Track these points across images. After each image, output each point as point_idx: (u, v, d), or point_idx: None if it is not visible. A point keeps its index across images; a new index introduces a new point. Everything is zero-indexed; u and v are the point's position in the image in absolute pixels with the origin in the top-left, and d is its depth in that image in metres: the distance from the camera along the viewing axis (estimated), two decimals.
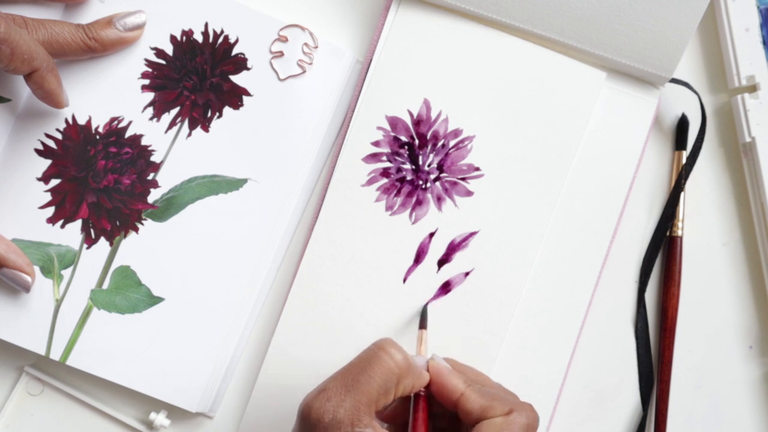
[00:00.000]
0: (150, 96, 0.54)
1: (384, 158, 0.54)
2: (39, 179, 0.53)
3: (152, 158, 0.53)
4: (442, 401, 0.46)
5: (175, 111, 0.54)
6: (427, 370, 0.46)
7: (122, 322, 0.53)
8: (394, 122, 0.54)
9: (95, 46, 0.51)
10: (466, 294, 0.53)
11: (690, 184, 0.57)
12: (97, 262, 0.53)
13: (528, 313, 0.54)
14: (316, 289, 0.53)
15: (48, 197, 0.53)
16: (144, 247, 0.53)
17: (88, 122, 0.53)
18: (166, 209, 0.53)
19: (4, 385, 0.55)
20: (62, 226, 0.53)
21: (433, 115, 0.54)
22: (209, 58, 0.54)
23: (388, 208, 0.54)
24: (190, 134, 0.54)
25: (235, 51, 0.54)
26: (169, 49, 0.54)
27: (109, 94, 0.53)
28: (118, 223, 0.53)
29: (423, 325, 0.51)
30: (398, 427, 0.48)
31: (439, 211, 0.54)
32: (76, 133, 0.53)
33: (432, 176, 0.54)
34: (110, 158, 0.53)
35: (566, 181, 0.54)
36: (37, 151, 0.53)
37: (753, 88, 0.55)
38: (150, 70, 0.54)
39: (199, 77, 0.54)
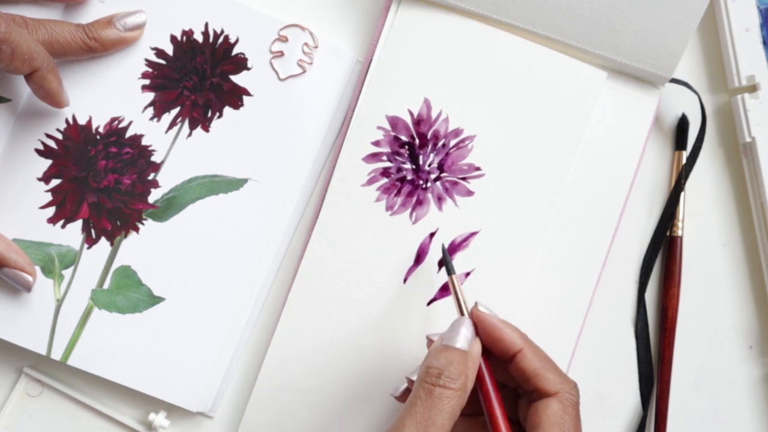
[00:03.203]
0: (150, 96, 0.54)
1: (384, 158, 0.54)
2: (39, 179, 0.53)
3: (153, 158, 0.53)
4: (495, 353, 0.46)
5: (175, 111, 0.54)
6: (472, 319, 0.46)
7: (123, 322, 0.53)
8: (394, 122, 0.54)
9: (95, 46, 0.52)
10: (467, 295, 0.53)
11: (690, 184, 0.57)
12: (97, 262, 0.53)
13: (528, 313, 0.54)
14: (316, 289, 0.53)
15: (48, 197, 0.53)
16: (144, 247, 0.53)
17: (89, 122, 0.53)
18: (167, 209, 0.53)
19: (3, 386, 0.55)
20: (63, 226, 0.53)
21: (434, 115, 0.54)
22: (209, 58, 0.54)
23: (389, 208, 0.54)
24: (190, 134, 0.54)
25: (235, 51, 0.54)
26: (169, 49, 0.54)
27: (109, 94, 0.53)
28: (118, 223, 0.53)
29: (451, 269, 0.48)
30: None
31: (439, 211, 0.54)
32: (77, 133, 0.53)
33: (432, 176, 0.54)
34: (111, 158, 0.53)
35: (566, 181, 0.54)
36: (38, 151, 0.53)
37: (753, 88, 0.55)
38: (150, 70, 0.54)
39: (200, 77, 0.54)
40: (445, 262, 0.49)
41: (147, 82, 0.54)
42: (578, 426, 0.44)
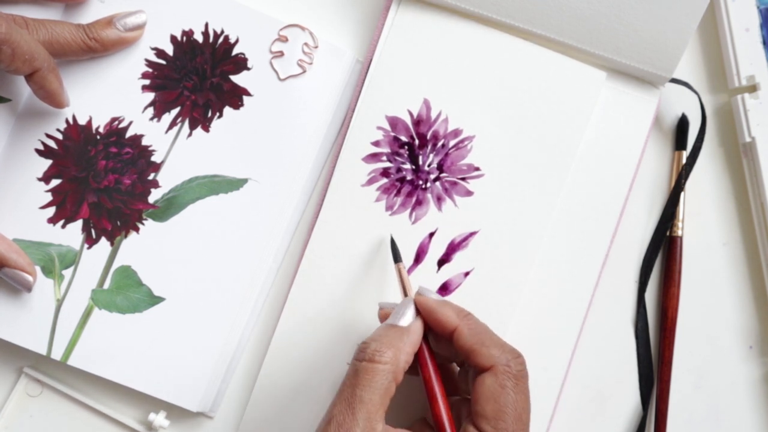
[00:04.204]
0: (150, 96, 0.54)
1: (384, 158, 0.54)
2: (39, 179, 0.53)
3: (153, 158, 0.54)
4: (437, 333, 0.47)
5: (175, 111, 0.54)
6: (416, 308, 0.47)
7: (123, 321, 0.53)
8: (394, 122, 0.54)
9: (95, 46, 0.52)
10: (465, 294, 0.53)
11: (690, 184, 0.57)
12: (97, 262, 0.53)
13: (528, 313, 0.54)
14: (316, 289, 0.53)
15: (49, 197, 0.53)
16: (145, 247, 0.53)
17: (89, 122, 0.53)
18: (167, 209, 0.53)
19: (4, 386, 0.55)
20: (63, 226, 0.53)
21: (433, 115, 0.54)
22: (209, 58, 0.54)
23: (388, 208, 0.54)
24: (190, 134, 0.54)
25: (235, 51, 0.54)
26: (169, 49, 0.54)
27: (109, 94, 0.53)
28: (118, 223, 0.53)
29: (398, 258, 0.51)
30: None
31: (439, 211, 0.54)
32: (77, 133, 0.53)
33: (432, 176, 0.54)
34: (111, 158, 0.53)
35: (566, 181, 0.54)
36: (38, 151, 0.53)
37: (753, 88, 0.55)
38: (150, 70, 0.54)
39: (200, 77, 0.54)
40: (392, 251, 0.51)
41: (147, 82, 0.54)
42: (520, 396, 0.44)
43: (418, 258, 0.53)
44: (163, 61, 0.54)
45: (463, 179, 0.54)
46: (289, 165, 0.54)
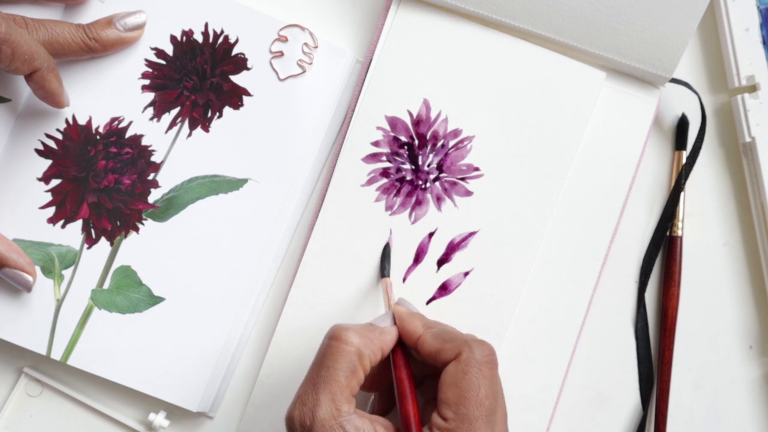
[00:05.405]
0: (150, 96, 0.54)
1: (384, 158, 0.54)
2: (39, 179, 0.53)
3: (152, 158, 0.54)
4: (406, 343, 0.47)
5: (175, 111, 0.54)
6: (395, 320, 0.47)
7: (123, 321, 0.53)
8: (393, 122, 0.54)
9: (95, 46, 0.52)
10: (465, 294, 0.53)
11: (690, 184, 0.57)
12: (97, 262, 0.53)
13: (528, 313, 0.54)
14: (316, 288, 0.53)
15: (48, 197, 0.53)
16: (144, 247, 0.53)
17: (89, 122, 0.53)
18: (167, 209, 0.53)
19: (4, 386, 0.55)
20: (63, 226, 0.53)
21: (433, 115, 0.54)
22: (209, 58, 0.54)
23: (388, 208, 0.54)
24: (190, 134, 0.54)
25: (235, 51, 0.54)
26: (169, 49, 0.54)
27: (109, 94, 0.53)
28: (118, 223, 0.53)
29: (385, 273, 0.52)
30: (388, 390, 0.49)
31: (438, 211, 0.54)
32: (77, 133, 0.53)
33: (431, 176, 0.54)
34: (111, 158, 0.53)
35: (566, 181, 0.54)
36: (38, 151, 0.53)
37: (753, 88, 0.55)
38: (150, 70, 0.54)
39: (200, 77, 0.54)
40: (380, 265, 0.53)
41: (147, 82, 0.54)
42: (484, 381, 0.43)
43: (418, 258, 0.53)
44: (163, 61, 0.54)
45: (462, 179, 0.54)
46: (289, 165, 0.54)
